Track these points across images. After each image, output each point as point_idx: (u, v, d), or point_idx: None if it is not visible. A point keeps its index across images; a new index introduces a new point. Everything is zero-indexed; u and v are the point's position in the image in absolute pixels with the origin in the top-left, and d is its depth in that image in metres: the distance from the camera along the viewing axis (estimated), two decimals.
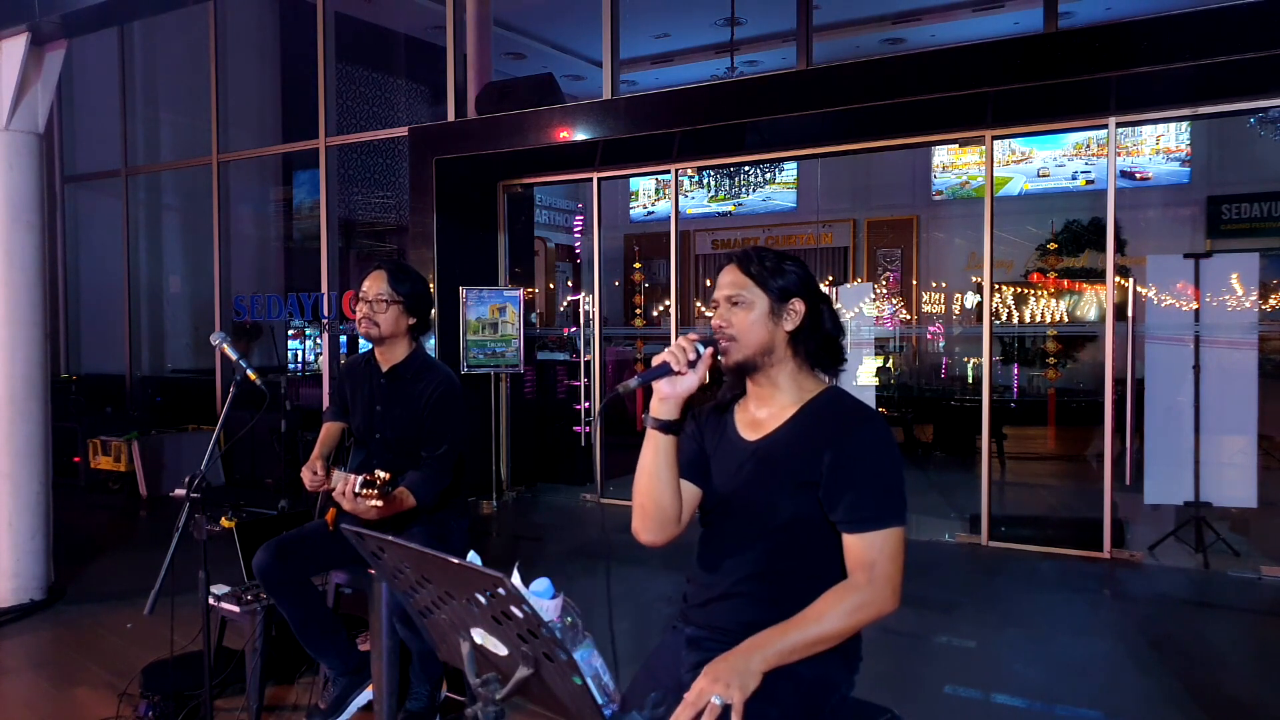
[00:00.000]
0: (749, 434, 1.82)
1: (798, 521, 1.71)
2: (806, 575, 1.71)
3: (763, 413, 1.81)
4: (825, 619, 1.63)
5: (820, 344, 1.79)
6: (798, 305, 1.76)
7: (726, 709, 1.52)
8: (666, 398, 1.74)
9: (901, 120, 5.64)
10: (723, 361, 1.78)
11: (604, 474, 6.85)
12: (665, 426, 1.75)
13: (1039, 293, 9.26)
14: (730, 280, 1.79)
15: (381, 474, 2.57)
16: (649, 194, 13.50)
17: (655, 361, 1.73)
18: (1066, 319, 9.20)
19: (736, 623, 1.72)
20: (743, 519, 1.78)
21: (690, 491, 1.83)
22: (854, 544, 1.66)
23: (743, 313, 1.76)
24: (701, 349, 1.73)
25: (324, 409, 4.13)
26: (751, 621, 1.68)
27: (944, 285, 11.31)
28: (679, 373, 1.72)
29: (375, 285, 2.92)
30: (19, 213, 4.47)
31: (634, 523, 1.82)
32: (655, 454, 1.77)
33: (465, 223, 6.95)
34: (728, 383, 1.86)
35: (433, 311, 3.08)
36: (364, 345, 3.17)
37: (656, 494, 1.78)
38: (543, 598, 1.39)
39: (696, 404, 1.89)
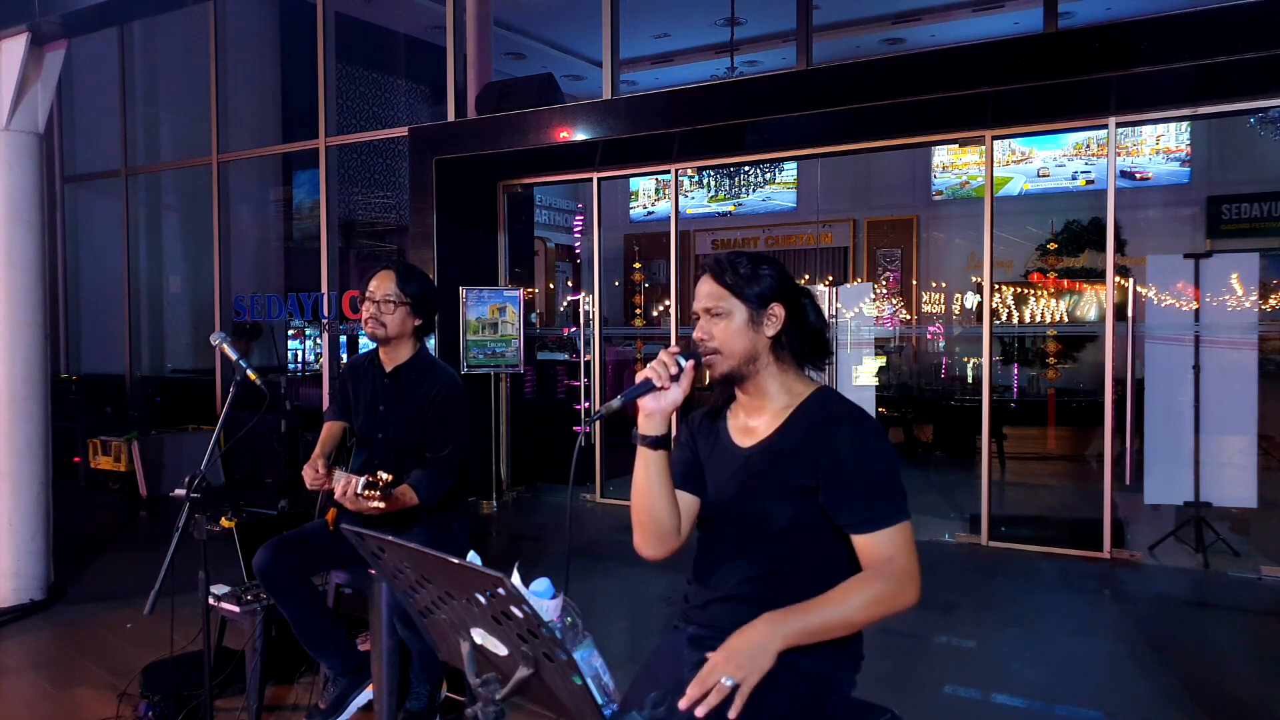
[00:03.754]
0: (742, 440, 1.81)
1: (795, 527, 1.71)
2: (807, 578, 1.71)
3: (754, 419, 1.81)
4: (848, 603, 1.63)
5: (804, 341, 1.79)
6: (777, 310, 1.76)
7: (734, 691, 1.52)
8: (652, 414, 1.73)
9: (901, 120, 5.64)
10: (709, 373, 1.78)
11: (603, 475, 6.86)
12: (654, 442, 1.74)
13: (1039, 293, 9.26)
14: (707, 291, 1.78)
15: (384, 475, 2.58)
16: (649, 194, 13.49)
17: (637, 378, 1.73)
18: (1066, 319, 9.20)
19: (738, 624, 1.71)
20: (740, 527, 1.77)
21: (688, 501, 1.83)
22: (866, 545, 1.66)
23: (723, 323, 1.75)
24: (683, 362, 1.72)
25: (325, 409, 4.13)
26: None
27: (944, 285, 11.30)
28: (662, 388, 1.71)
29: (383, 285, 2.92)
30: (19, 213, 4.47)
31: (635, 539, 1.82)
32: (647, 471, 1.76)
33: (465, 223, 6.95)
34: (717, 390, 1.85)
35: (437, 314, 3.08)
36: (364, 345, 3.18)
37: (653, 510, 1.77)
38: (543, 598, 1.39)
39: (689, 409, 1.88)
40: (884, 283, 11.65)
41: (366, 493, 2.56)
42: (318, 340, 8.58)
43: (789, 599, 1.68)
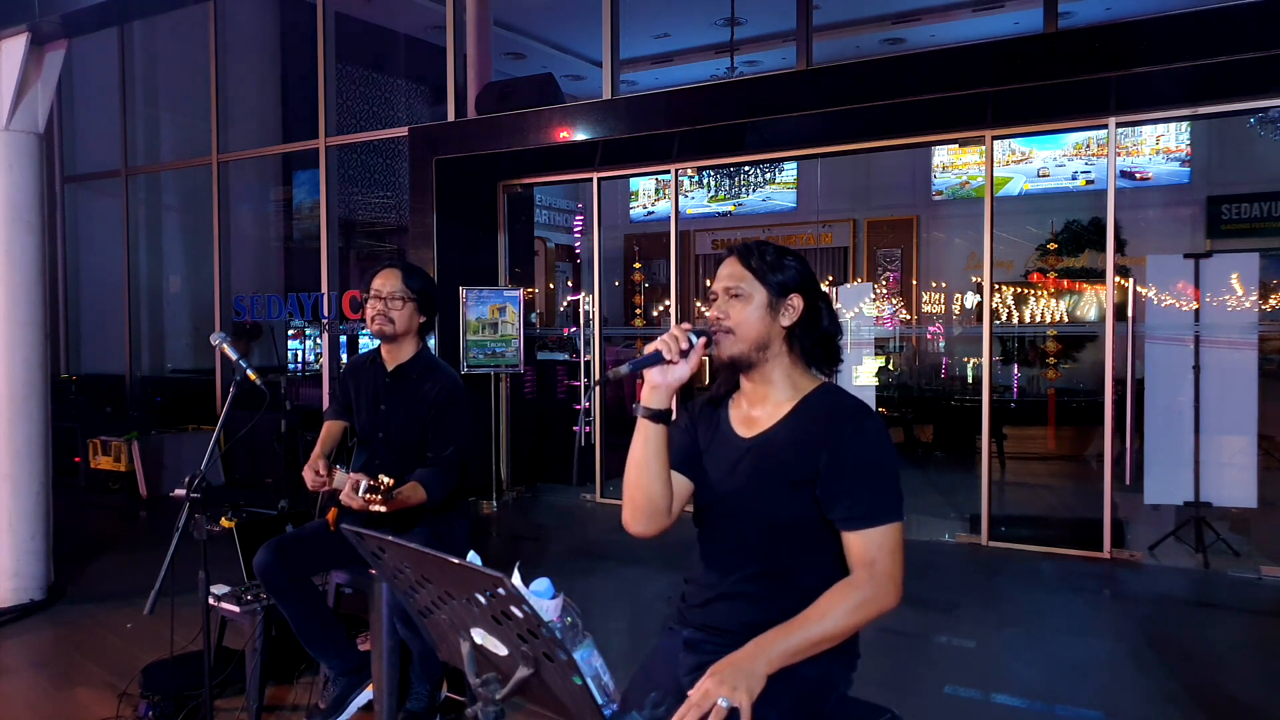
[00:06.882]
0: (744, 431, 1.81)
1: (795, 520, 1.71)
2: (805, 574, 1.71)
3: (757, 410, 1.81)
4: (829, 617, 1.62)
5: (816, 341, 1.79)
6: (796, 301, 1.76)
7: (733, 712, 1.51)
8: (657, 386, 1.73)
9: (901, 120, 5.64)
10: (716, 355, 1.78)
11: (603, 475, 6.86)
12: (655, 416, 1.74)
13: (1039, 293, 9.26)
14: (729, 272, 1.79)
15: (385, 479, 2.58)
16: (649, 194, 13.49)
17: (647, 350, 1.72)
18: (1066, 319, 9.20)
19: (736, 623, 1.72)
20: (739, 518, 1.77)
21: (681, 484, 1.82)
22: (854, 542, 1.66)
23: (740, 305, 1.75)
24: (694, 339, 1.72)
25: (325, 408, 4.13)
26: (751, 622, 1.68)
27: (944, 285, 11.30)
28: (671, 361, 1.71)
29: (389, 282, 2.93)
30: (19, 213, 4.47)
31: (624, 514, 1.81)
32: (645, 444, 1.76)
33: (465, 223, 6.95)
34: (721, 377, 1.85)
35: (438, 313, 3.09)
36: (365, 345, 3.18)
37: (646, 485, 1.76)
38: (543, 598, 1.39)
39: (690, 397, 1.88)
40: (884, 283, 11.65)
41: (368, 496, 2.56)
42: (318, 340, 8.58)
43: (789, 597, 1.67)
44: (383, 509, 2.59)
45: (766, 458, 1.74)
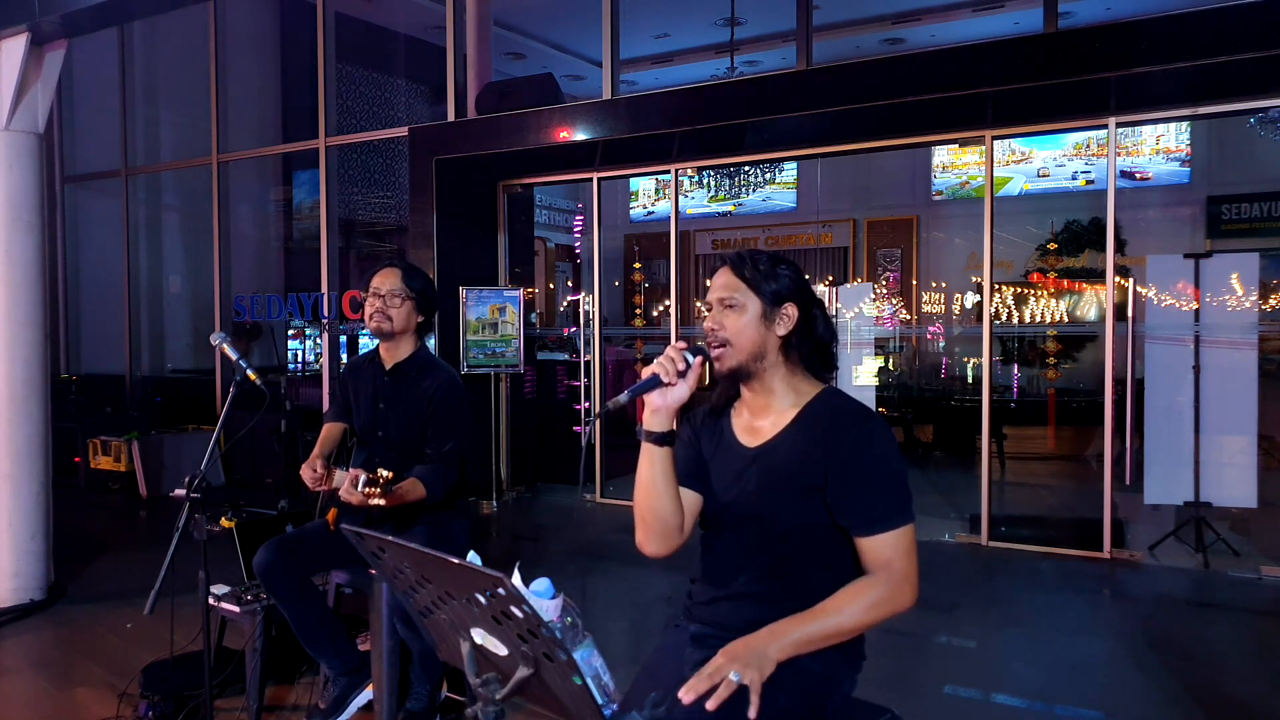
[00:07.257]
0: (748, 440, 1.81)
1: (803, 526, 1.71)
2: (814, 576, 1.71)
3: (760, 419, 1.81)
4: (844, 612, 1.64)
5: (812, 348, 1.79)
6: (790, 310, 1.76)
7: (741, 690, 1.52)
8: (658, 409, 1.74)
9: (901, 120, 5.63)
10: (717, 369, 1.79)
11: (604, 475, 6.86)
12: (659, 438, 1.75)
13: (1039, 293, 9.25)
14: (723, 282, 1.79)
15: (384, 473, 2.58)
16: (649, 194, 13.49)
17: (644, 374, 1.72)
18: (1066, 319, 9.19)
19: (744, 621, 1.72)
20: (747, 527, 1.77)
21: (691, 499, 1.83)
22: (868, 546, 1.67)
23: (735, 315, 1.76)
24: (691, 358, 1.72)
25: (324, 409, 4.14)
26: (758, 620, 1.68)
27: (944, 285, 11.30)
28: (669, 384, 1.71)
29: (389, 280, 2.94)
30: (19, 213, 4.47)
31: (637, 535, 1.81)
32: (651, 466, 1.76)
33: (465, 223, 6.95)
34: (720, 387, 1.85)
35: (436, 313, 3.10)
36: (365, 345, 3.18)
37: (657, 506, 1.77)
38: (543, 598, 1.39)
39: (691, 406, 1.88)
40: (884, 283, 11.65)
41: (367, 490, 2.57)
42: (318, 340, 8.58)
43: (796, 597, 1.68)
44: (382, 502, 2.59)
45: (773, 466, 1.75)
